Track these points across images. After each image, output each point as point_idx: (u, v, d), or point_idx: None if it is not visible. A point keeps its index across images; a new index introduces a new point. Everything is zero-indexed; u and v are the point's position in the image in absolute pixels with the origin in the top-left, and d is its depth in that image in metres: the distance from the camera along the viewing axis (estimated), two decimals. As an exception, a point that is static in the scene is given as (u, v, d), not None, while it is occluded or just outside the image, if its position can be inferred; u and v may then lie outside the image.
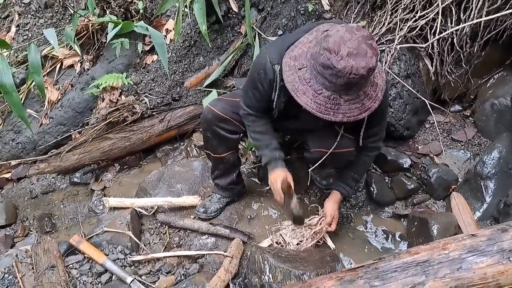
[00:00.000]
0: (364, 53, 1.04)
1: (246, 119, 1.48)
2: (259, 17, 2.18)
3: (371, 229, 1.80)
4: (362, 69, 1.04)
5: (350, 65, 1.04)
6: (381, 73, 1.21)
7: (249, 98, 1.42)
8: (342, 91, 1.10)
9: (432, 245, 1.06)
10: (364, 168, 1.60)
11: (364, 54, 1.04)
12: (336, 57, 1.05)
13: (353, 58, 1.04)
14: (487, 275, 0.98)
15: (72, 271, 1.55)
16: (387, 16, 1.90)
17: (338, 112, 1.12)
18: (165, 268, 1.58)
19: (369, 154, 1.53)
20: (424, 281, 0.98)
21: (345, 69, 1.05)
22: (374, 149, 1.52)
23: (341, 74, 1.06)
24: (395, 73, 1.87)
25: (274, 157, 1.46)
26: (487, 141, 1.94)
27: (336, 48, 1.05)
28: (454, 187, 1.82)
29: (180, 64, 2.22)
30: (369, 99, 1.15)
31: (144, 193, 1.92)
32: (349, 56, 1.04)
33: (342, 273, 1.09)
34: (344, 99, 1.11)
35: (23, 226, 1.98)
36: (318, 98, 1.12)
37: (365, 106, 1.15)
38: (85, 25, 2.25)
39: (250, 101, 1.43)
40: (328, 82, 1.09)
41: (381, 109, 1.36)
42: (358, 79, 1.06)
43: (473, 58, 1.95)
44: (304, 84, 1.14)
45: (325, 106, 1.12)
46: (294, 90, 1.15)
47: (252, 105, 1.44)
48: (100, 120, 2.20)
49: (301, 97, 1.14)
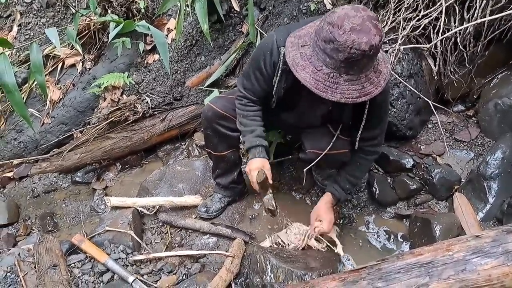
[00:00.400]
0: (368, 30, 1.03)
1: (239, 101, 1.45)
2: (261, 16, 2.17)
3: (373, 230, 1.79)
4: (364, 44, 1.02)
5: (352, 39, 1.02)
6: (385, 62, 1.18)
7: (249, 80, 1.40)
8: (342, 69, 1.08)
9: (436, 246, 1.05)
10: (361, 171, 1.56)
11: (367, 31, 1.03)
12: (338, 31, 1.03)
13: (355, 33, 1.02)
14: (492, 277, 0.97)
15: (74, 270, 1.56)
16: (390, 15, 1.89)
17: (336, 91, 1.09)
18: (167, 268, 1.58)
19: (367, 158, 1.49)
20: (428, 283, 0.98)
21: (347, 43, 1.03)
22: (372, 153, 1.48)
23: (342, 48, 1.04)
24: (398, 72, 1.86)
25: (255, 143, 1.42)
26: (491, 141, 1.93)
27: (340, 23, 1.03)
28: (457, 188, 1.81)
29: (182, 63, 2.22)
30: (370, 83, 1.11)
31: (146, 192, 1.92)
32: (352, 31, 1.02)
33: (345, 274, 1.08)
34: (344, 79, 1.09)
35: (25, 225, 1.98)
36: (317, 75, 1.09)
37: (365, 90, 1.10)
38: (87, 25, 2.25)
39: (250, 83, 1.40)
40: (329, 58, 1.07)
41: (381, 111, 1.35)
42: (359, 55, 1.04)
43: (477, 57, 1.94)
44: (305, 60, 1.12)
45: (323, 84, 1.09)
46: (294, 65, 1.13)
47: (250, 87, 1.41)
48: (101, 119, 2.20)
49: (300, 72, 1.12)
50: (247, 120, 1.45)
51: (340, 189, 1.53)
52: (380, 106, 1.30)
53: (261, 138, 1.44)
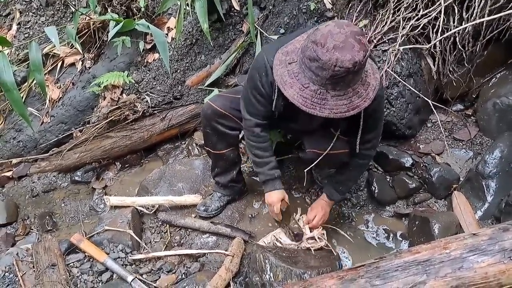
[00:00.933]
0: (351, 47, 1.03)
1: (249, 132, 1.47)
2: (261, 15, 2.17)
3: (372, 229, 1.80)
4: (347, 62, 1.03)
5: (335, 57, 1.03)
6: (374, 73, 1.19)
7: (251, 104, 1.41)
8: (328, 86, 1.09)
9: (433, 244, 1.05)
10: (356, 174, 1.59)
11: (350, 48, 1.03)
12: (322, 49, 1.04)
13: (339, 51, 1.03)
14: (489, 275, 0.97)
15: (73, 269, 1.56)
16: (389, 15, 1.89)
17: (324, 108, 1.11)
18: (166, 267, 1.58)
19: (360, 161, 1.51)
20: (425, 280, 0.98)
21: (330, 61, 1.04)
22: (366, 157, 1.49)
23: (326, 66, 1.05)
24: (397, 72, 1.86)
25: (273, 176, 1.48)
26: (489, 140, 1.94)
27: (323, 41, 1.04)
28: (456, 187, 1.81)
29: (182, 62, 2.22)
30: (358, 97, 1.12)
31: (145, 191, 1.92)
32: (335, 48, 1.03)
33: (343, 272, 1.09)
34: (331, 94, 1.10)
35: (24, 225, 1.98)
36: (305, 92, 1.11)
37: (353, 104, 1.12)
38: (87, 23, 2.25)
39: (253, 107, 1.41)
40: (315, 76, 1.08)
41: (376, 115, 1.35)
42: (344, 72, 1.05)
43: (476, 57, 1.95)
44: (292, 78, 1.13)
45: (311, 101, 1.11)
46: (282, 83, 1.15)
47: (254, 111, 1.42)
48: (101, 118, 2.19)
49: (288, 90, 1.13)
50: (261, 151, 1.48)
51: (334, 191, 1.57)
52: (374, 112, 1.31)
53: (277, 169, 1.49)
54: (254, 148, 1.48)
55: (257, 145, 1.47)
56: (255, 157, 1.49)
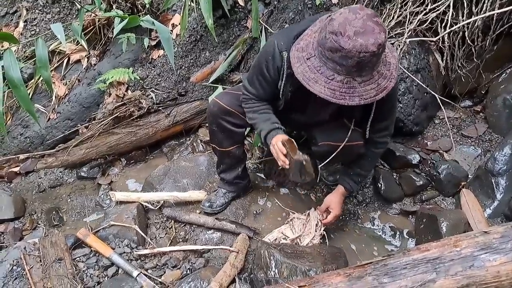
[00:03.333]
0: (371, 30, 1.02)
1: (245, 102, 1.44)
2: (266, 11, 2.15)
3: (378, 226, 1.78)
4: (371, 46, 1.02)
5: (359, 43, 1.01)
6: (392, 52, 1.17)
7: (253, 85, 1.39)
8: (354, 73, 1.07)
9: (443, 242, 1.03)
10: (371, 164, 1.57)
11: (371, 31, 1.02)
12: (343, 38, 1.02)
13: (360, 37, 1.01)
14: (501, 273, 0.95)
15: (79, 264, 1.57)
16: (396, 9, 1.86)
17: (353, 95, 1.09)
18: (171, 262, 1.59)
19: (376, 151, 1.49)
20: (434, 279, 0.96)
21: (355, 48, 1.02)
22: (382, 145, 1.48)
23: (351, 54, 1.03)
24: (405, 67, 1.83)
25: (274, 127, 1.39)
26: (499, 137, 1.90)
27: (342, 30, 1.02)
28: (464, 184, 1.79)
29: (186, 59, 2.21)
30: (384, 78, 1.11)
31: (151, 187, 1.93)
32: (356, 35, 1.01)
33: (350, 269, 1.07)
34: (358, 81, 1.08)
35: (31, 219, 2.00)
36: (331, 84, 1.09)
37: (381, 86, 1.10)
38: (92, 20, 2.25)
39: (254, 89, 1.40)
40: (339, 66, 1.07)
41: (390, 101, 1.33)
42: (369, 57, 1.03)
43: (485, 52, 1.91)
44: (315, 73, 1.11)
45: (339, 91, 1.09)
46: (306, 80, 1.12)
47: (254, 92, 1.40)
48: (106, 115, 2.20)
49: (313, 86, 1.11)
50: (258, 114, 1.43)
51: (352, 182, 1.55)
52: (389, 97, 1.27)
53: (278, 123, 1.40)
54: (251, 112, 1.42)
55: (253, 109, 1.42)
56: (253, 119, 1.43)
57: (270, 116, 1.42)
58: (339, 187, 1.58)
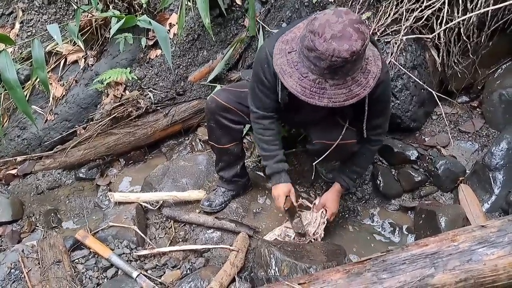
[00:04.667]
0: (349, 36, 1.02)
1: (257, 125, 1.46)
2: (263, 9, 2.15)
3: (377, 222, 1.78)
4: (344, 51, 1.02)
5: (332, 47, 1.02)
6: (376, 60, 1.16)
7: (257, 97, 1.40)
8: (327, 75, 1.08)
9: (441, 237, 1.04)
10: (366, 161, 1.58)
11: (348, 37, 1.02)
12: (319, 39, 1.03)
13: (336, 41, 1.01)
14: (498, 267, 0.96)
15: (78, 265, 1.56)
16: (392, 6, 1.87)
17: (323, 97, 1.10)
18: (171, 263, 1.58)
19: (371, 148, 1.50)
20: (433, 274, 0.97)
21: (327, 51, 1.02)
22: (376, 142, 1.49)
23: (323, 56, 1.03)
24: (401, 64, 1.84)
25: (278, 169, 1.46)
26: (495, 132, 1.91)
27: (321, 31, 1.03)
28: (462, 179, 1.79)
29: (184, 58, 2.21)
30: (358, 85, 1.11)
31: (150, 187, 1.92)
32: (332, 38, 1.02)
33: (350, 266, 1.08)
34: (330, 84, 1.08)
35: (30, 222, 1.99)
36: (304, 81, 1.10)
37: (352, 92, 1.10)
38: (89, 21, 2.25)
39: (259, 100, 1.41)
40: (313, 65, 1.07)
41: (383, 102, 1.34)
42: (341, 62, 1.03)
43: (481, 48, 1.92)
44: (292, 67, 1.12)
45: (310, 90, 1.10)
46: (282, 73, 1.14)
47: (260, 104, 1.41)
48: (104, 115, 2.20)
49: (287, 79, 1.12)
50: (267, 145, 1.47)
51: (348, 179, 1.56)
52: (379, 98, 1.29)
53: (283, 162, 1.47)
54: (261, 141, 1.47)
55: (264, 138, 1.46)
56: (262, 151, 1.49)
57: (278, 153, 1.46)
58: (335, 185, 1.59)
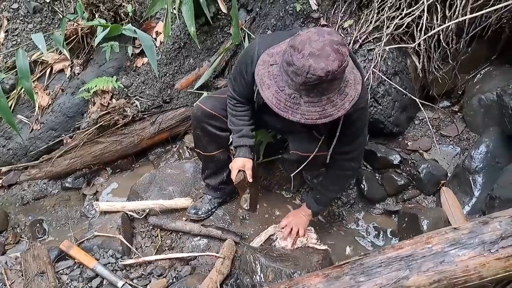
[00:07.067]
0: (327, 55, 1.04)
1: (229, 101, 1.49)
2: (248, 17, 2.18)
3: (362, 227, 1.81)
4: (320, 70, 1.03)
5: (308, 64, 1.04)
6: (356, 84, 1.17)
7: (236, 83, 1.43)
8: (302, 91, 1.10)
9: (415, 240, 1.06)
10: (339, 185, 1.59)
11: (326, 57, 1.03)
12: (298, 55, 1.05)
13: (313, 58, 1.03)
14: (469, 268, 0.99)
15: (63, 276, 1.55)
16: (373, 14, 1.91)
17: (296, 112, 1.11)
18: (157, 271, 1.58)
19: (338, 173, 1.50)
20: (408, 276, 0.99)
21: (303, 68, 1.04)
22: (346, 168, 1.48)
23: (299, 71, 1.05)
24: (383, 71, 1.88)
25: (240, 143, 1.46)
26: (476, 136, 1.96)
27: (300, 47, 1.05)
28: (444, 182, 1.83)
29: (170, 66, 2.22)
30: (332, 106, 1.12)
31: (136, 196, 1.92)
32: (310, 55, 1.04)
33: (328, 270, 1.09)
34: (304, 100, 1.10)
35: (14, 233, 1.97)
36: (280, 95, 1.12)
37: (326, 112, 1.11)
38: (74, 29, 2.25)
39: (236, 85, 1.44)
40: (290, 80, 1.10)
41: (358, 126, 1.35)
42: (316, 80, 1.05)
43: (460, 54, 1.97)
44: (271, 79, 1.15)
45: (284, 104, 1.12)
46: (261, 84, 1.16)
47: (237, 89, 1.44)
48: (91, 124, 2.19)
49: (265, 91, 1.15)
50: (236, 119, 1.48)
51: (313, 202, 1.58)
52: (354, 123, 1.31)
53: (246, 137, 1.47)
54: (231, 115, 1.48)
55: (234, 113, 1.47)
56: (231, 125, 1.49)
57: (243, 128, 1.46)
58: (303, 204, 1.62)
